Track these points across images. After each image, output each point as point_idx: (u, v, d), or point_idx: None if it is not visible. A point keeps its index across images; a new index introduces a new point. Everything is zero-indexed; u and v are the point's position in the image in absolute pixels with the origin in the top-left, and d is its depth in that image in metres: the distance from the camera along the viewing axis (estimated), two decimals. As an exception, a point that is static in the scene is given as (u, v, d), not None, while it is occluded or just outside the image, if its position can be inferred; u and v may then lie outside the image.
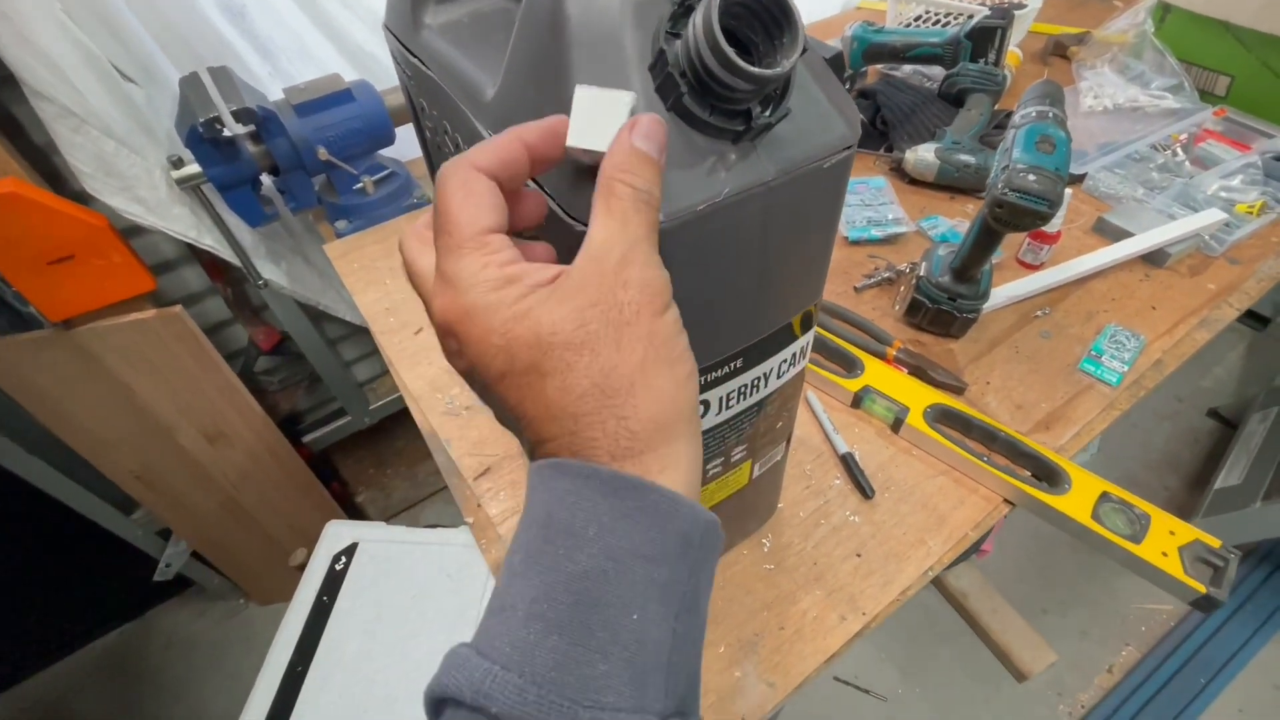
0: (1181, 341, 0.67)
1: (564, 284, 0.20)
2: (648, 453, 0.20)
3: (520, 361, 0.20)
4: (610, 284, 0.20)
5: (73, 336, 0.83)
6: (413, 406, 0.66)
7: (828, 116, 0.26)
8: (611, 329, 0.20)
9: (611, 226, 0.21)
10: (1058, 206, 0.50)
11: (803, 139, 0.25)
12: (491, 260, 0.20)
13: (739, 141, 0.24)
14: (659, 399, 0.21)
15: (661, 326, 0.21)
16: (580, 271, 0.20)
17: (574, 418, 0.20)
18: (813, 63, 0.26)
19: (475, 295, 0.20)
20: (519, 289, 0.20)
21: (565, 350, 0.20)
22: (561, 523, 0.19)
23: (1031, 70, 1.11)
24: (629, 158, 0.21)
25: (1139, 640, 1.23)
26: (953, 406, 0.58)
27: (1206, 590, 0.47)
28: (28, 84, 0.65)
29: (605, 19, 0.23)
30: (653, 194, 0.21)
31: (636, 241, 0.21)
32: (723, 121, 0.23)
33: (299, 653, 0.89)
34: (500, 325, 0.20)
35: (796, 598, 0.50)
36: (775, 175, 0.25)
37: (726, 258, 0.26)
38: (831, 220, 0.29)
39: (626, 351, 0.20)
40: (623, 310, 0.20)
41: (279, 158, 0.78)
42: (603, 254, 0.20)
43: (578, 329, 0.20)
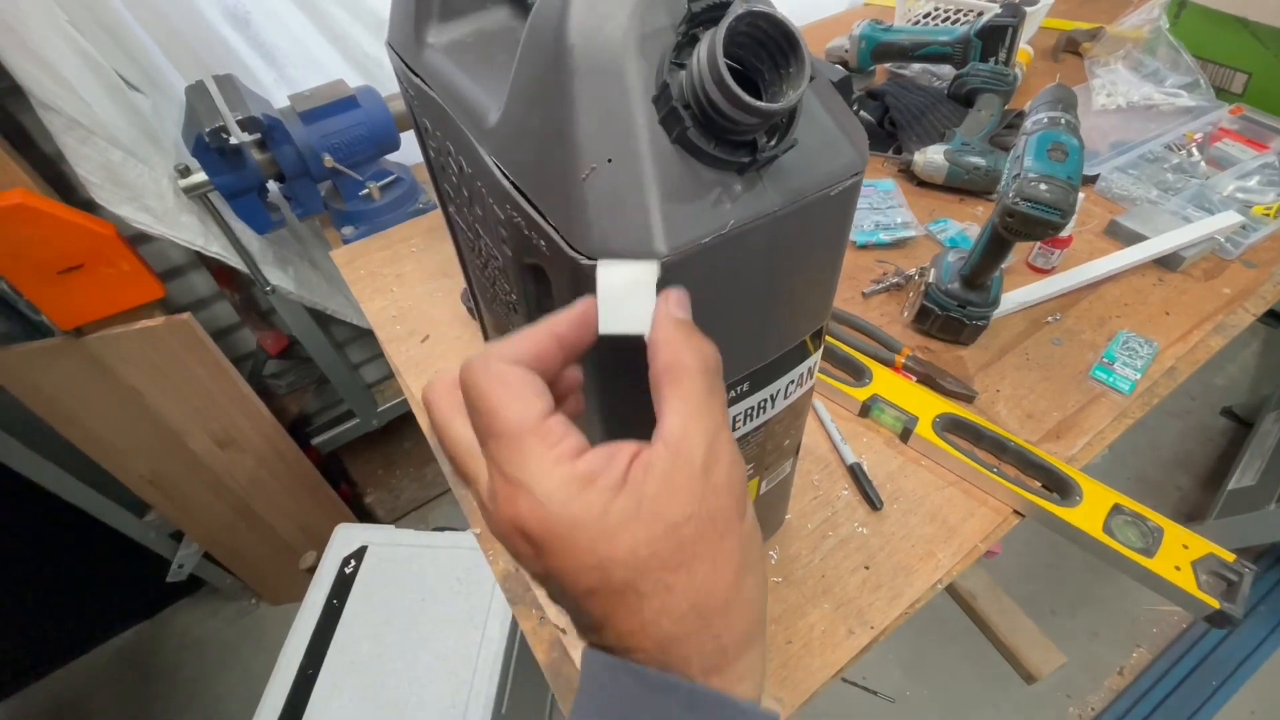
0: (1196, 348, 0.66)
1: (648, 489, 0.19)
2: (733, 665, 0.20)
3: (615, 581, 0.19)
4: (701, 491, 0.19)
5: (84, 344, 0.84)
6: (419, 414, 0.66)
7: (835, 143, 0.25)
8: (707, 545, 0.19)
9: (688, 412, 0.20)
10: (1070, 216, 0.50)
11: (810, 167, 0.25)
12: (561, 453, 0.19)
13: (744, 173, 0.24)
14: (749, 611, 0.20)
15: (747, 530, 0.20)
16: (665, 473, 0.19)
17: (671, 640, 0.19)
18: (820, 88, 0.26)
19: (556, 506, 0.19)
20: (601, 494, 0.19)
21: (663, 571, 0.19)
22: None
23: (1043, 67, 1.10)
24: (682, 332, 0.20)
25: (1150, 642, 1.22)
26: (962, 416, 0.58)
27: (1220, 605, 0.46)
28: (34, 95, 0.65)
29: (608, 49, 0.22)
30: (719, 366, 0.21)
31: (718, 430, 0.20)
32: (728, 154, 0.23)
33: (310, 656, 0.90)
34: (589, 543, 0.19)
35: (804, 611, 0.49)
36: (781, 205, 0.24)
37: (732, 287, 0.26)
38: (839, 244, 0.29)
39: (722, 568, 0.19)
40: (715, 523, 0.19)
41: (285, 165, 0.78)
42: (686, 449, 0.19)
43: (676, 550, 0.19)
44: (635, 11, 0.23)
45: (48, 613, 1.28)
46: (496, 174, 0.28)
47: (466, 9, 0.35)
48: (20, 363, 0.84)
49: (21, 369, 0.83)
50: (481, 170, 0.30)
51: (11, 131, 0.78)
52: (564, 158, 0.23)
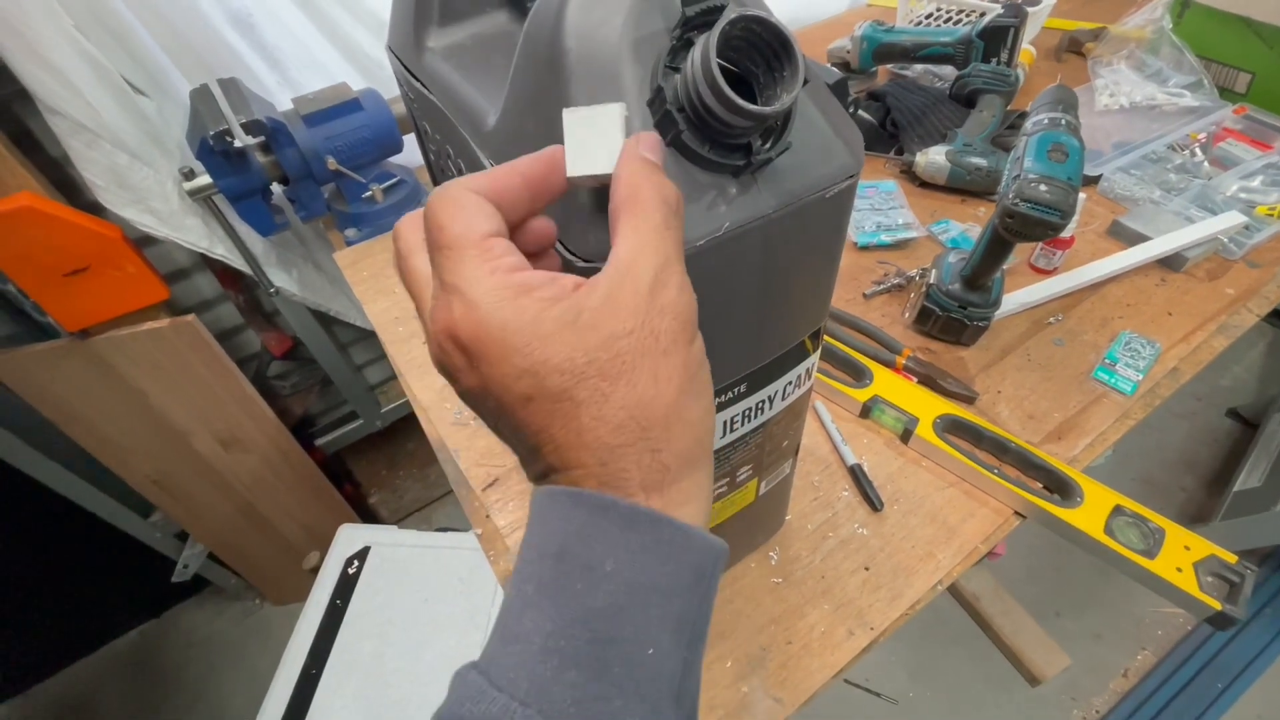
0: (1199, 349, 0.66)
1: (590, 303, 0.19)
2: (675, 484, 0.20)
3: (550, 386, 0.19)
4: (645, 309, 0.19)
5: (89, 345, 0.85)
6: (421, 416, 0.67)
7: (830, 146, 0.25)
8: (649, 359, 0.19)
9: (640, 241, 0.20)
10: (1070, 217, 0.49)
11: (804, 170, 0.25)
12: (497, 265, 0.19)
13: (739, 175, 0.24)
14: (690, 431, 0.20)
15: (693, 355, 0.20)
16: (610, 291, 0.19)
17: (608, 449, 0.19)
18: (815, 90, 0.26)
19: (488, 309, 0.19)
20: (536, 302, 0.19)
21: (600, 379, 0.19)
22: (577, 556, 0.19)
23: (1045, 67, 1.09)
24: (645, 168, 0.20)
25: (1155, 644, 1.21)
26: (963, 417, 0.58)
27: (1222, 607, 0.46)
28: (41, 99, 0.66)
29: (603, 53, 0.23)
30: (680, 204, 0.21)
31: (669, 260, 0.20)
32: (722, 156, 0.23)
33: (313, 656, 0.90)
34: (523, 345, 0.19)
35: (804, 612, 0.49)
36: (776, 208, 0.24)
37: (728, 289, 0.26)
38: (836, 245, 0.29)
39: (663, 383, 0.19)
40: (659, 339, 0.19)
41: (288, 168, 0.79)
42: (634, 273, 0.19)
43: (614, 358, 0.19)
44: (630, 16, 0.23)
45: (55, 612, 1.29)
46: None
47: (465, 13, 0.35)
48: (27, 364, 0.84)
49: (28, 370, 0.84)
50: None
51: (19, 135, 0.78)
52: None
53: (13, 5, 0.60)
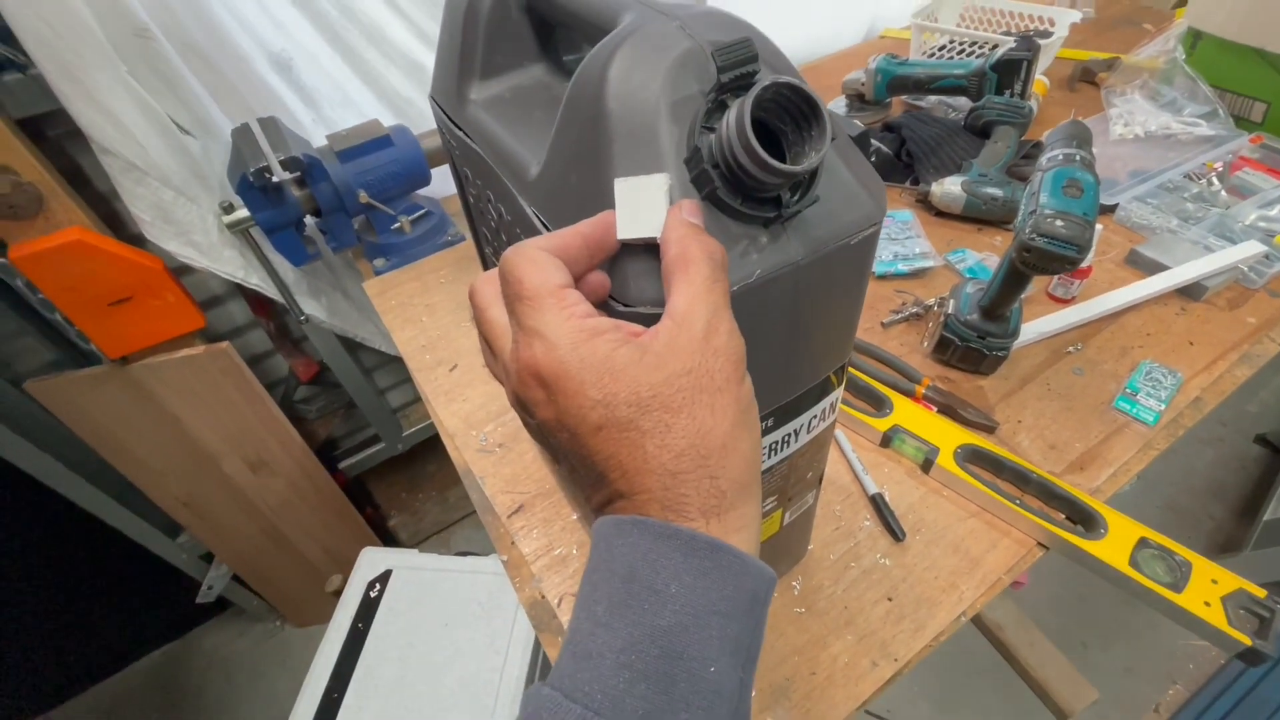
0: (1221, 378, 0.66)
1: (654, 347, 0.21)
2: (730, 511, 0.22)
3: (619, 416, 0.21)
4: (701, 351, 0.21)
5: (129, 372, 0.88)
6: (448, 442, 0.68)
7: (855, 196, 0.27)
8: (705, 395, 0.21)
9: (693, 294, 0.22)
10: (1086, 251, 0.50)
11: (831, 219, 0.26)
12: (573, 312, 0.22)
13: (770, 226, 0.25)
14: (744, 461, 0.22)
15: (744, 393, 0.22)
16: (669, 336, 0.22)
17: (672, 475, 0.21)
18: (840, 144, 0.27)
19: (566, 349, 0.21)
20: (608, 343, 0.21)
21: (664, 412, 0.21)
22: (644, 579, 0.21)
23: (1059, 97, 1.11)
24: (691, 231, 0.23)
25: (1187, 679, 1.18)
26: (983, 447, 0.58)
27: (1252, 642, 0.45)
28: (95, 140, 0.70)
29: (643, 114, 0.24)
30: (724, 260, 0.23)
31: (718, 308, 0.22)
32: (754, 209, 0.24)
33: (335, 678, 0.91)
34: (596, 379, 0.21)
35: (827, 642, 0.50)
36: (805, 256, 0.26)
37: (759, 330, 0.27)
38: (860, 287, 0.30)
39: (720, 416, 0.21)
40: (714, 378, 0.21)
41: (322, 201, 0.82)
42: (689, 321, 0.22)
43: (675, 393, 0.21)
44: (668, 80, 0.24)
45: (83, 631, 1.31)
46: (537, 224, 0.30)
47: (506, 67, 0.38)
48: (69, 389, 0.88)
49: (69, 395, 0.87)
50: (521, 218, 0.32)
51: (70, 171, 0.83)
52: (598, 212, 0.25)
53: (73, 54, 0.64)
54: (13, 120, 0.71)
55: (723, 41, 0.24)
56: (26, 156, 0.70)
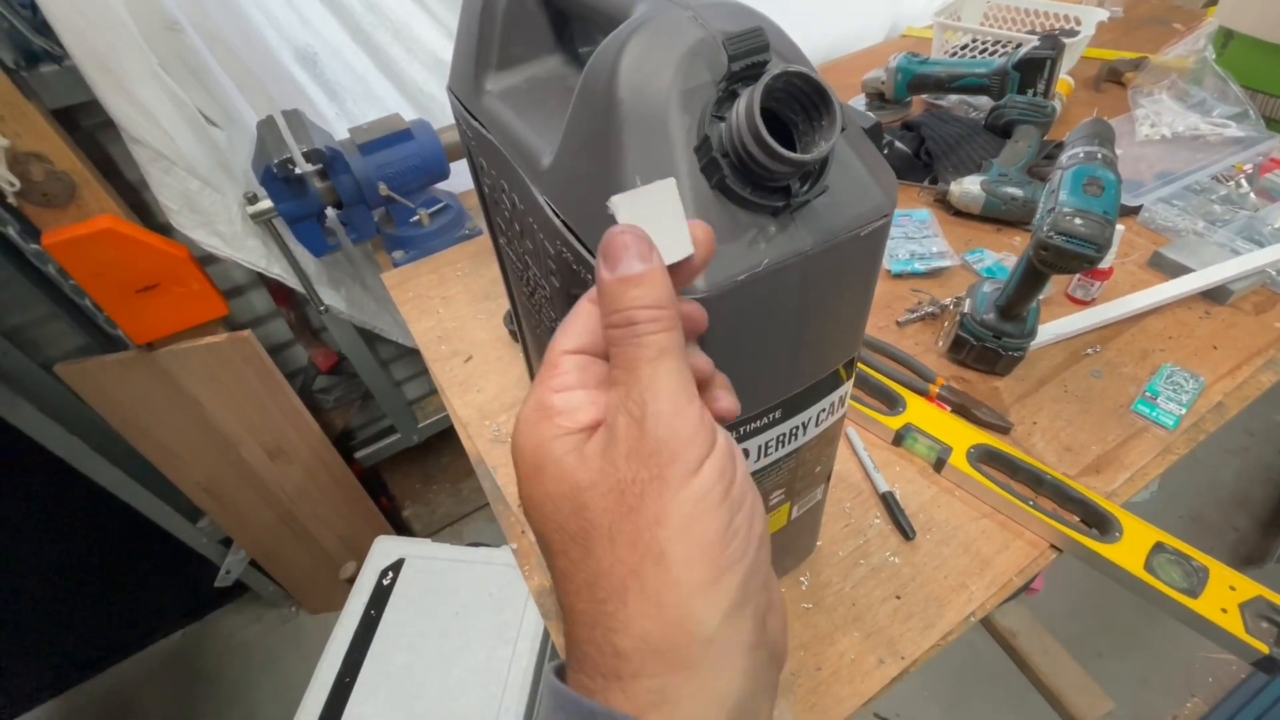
0: (1245, 384, 0.64)
1: (589, 444, 0.18)
2: (638, 679, 0.16)
3: (534, 526, 0.19)
4: (613, 455, 0.17)
5: (154, 358, 0.90)
6: (461, 433, 0.69)
7: (865, 187, 0.27)
8: (608, 517, 0.17)
9: (614, 381, 0.18)
10: (1106, 250, 0.50)
11: (840, 210, 0.26)
12: (550, 385, 0.19)
13: (779, 215, 0.25)
14: (658, 614, 0.16)
15: (678, 508, 0.17)
16: (602, 435, 0.18)
17: (571, 611, 0.17)
18: (851, 135, 0.27)
19: (522, 427, 0.19)
20: (550, 429, 0.18)
21: (562, 534, 0.17)
22: None
23: (1084, 97, 1.09)
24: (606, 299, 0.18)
25: (1206, 692, 1.16)
26: (997, 447, 0.58)
27: (1270, 650, 0.45)
28: (126, 130, 0.72)
29: (654, 104, 0.25)
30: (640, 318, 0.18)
31: (632, 388, 0.17)
32: (763, 198, 0.25)
33: (347, 664, 0.92)
34: (526, 474, 0.18)
35: (834, 638, 0.50)
36: (813, 245, 0.26)
37: (767, 321, 0.27)
38: (870, 279, 0.30)
39: (623, 549, 0.16)
40: (624, 494, 0.17)
41: (343, 193, 0.83)
42: (609, 416, 0.18)
43: (574, 514, 0.17)
44: (679, 69, 0.25)
45: (104, 613, 1.35)
46: (548, 212, 0.30)
47: (522, 58, 0.38)
48: (96, 374, 0.90)
49: (97, 380, 0.90)
50: (534, 207, 0.32)
51: (100, 161, 0.85)
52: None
53: (106, 46, 0.66)
54: (48, 110, 0.73)
55: (734, 31, 0.24)
56: (60, 146, 0.72)
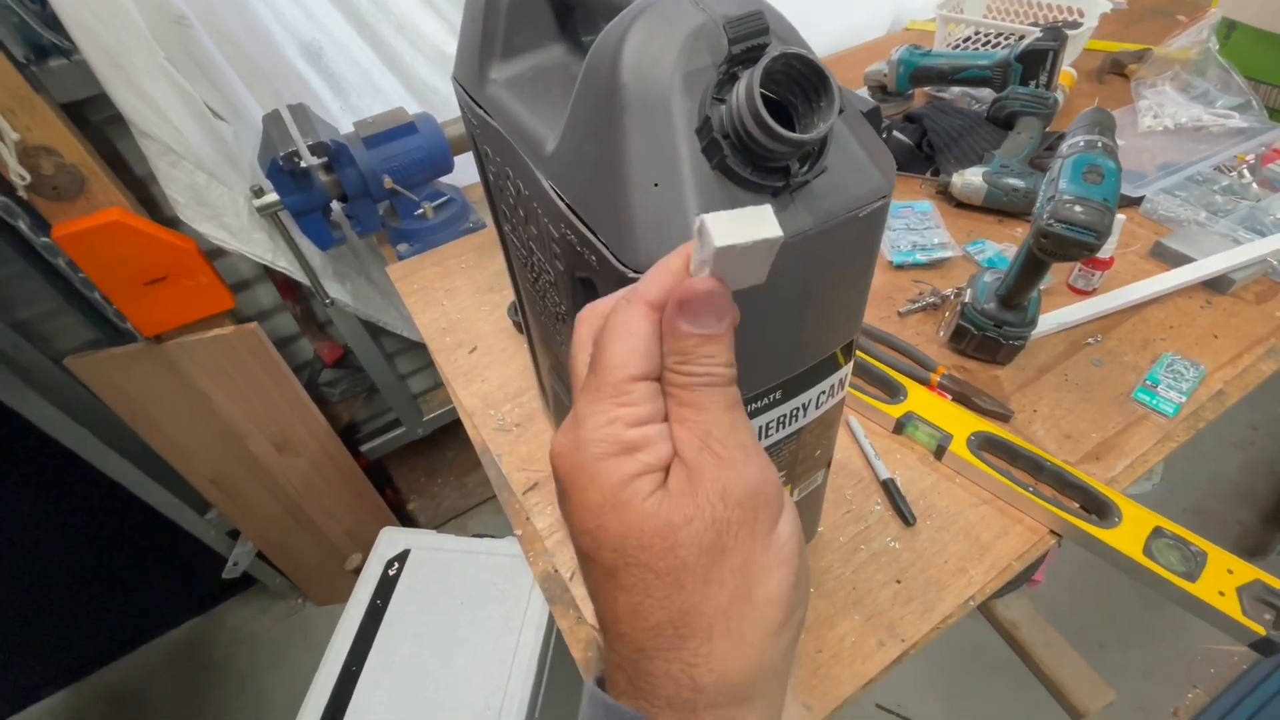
0: (1246, 372, 0.65)
1: (672, 487, 0.18)
2: (710, 710, 0.17)
3: (602, 559, 0.18)
4: (706, 494, 0.17)
5: (162, 350, 0.91)
6: (466, 422, 0.70)
7: (863, 169, 0.27)
8: (704, 556, 0.17)
9: (683, 420, 0.18)
10: (1105, 238, 0.50)
11: (839, 191, 0.27)
12: (621, 415, 0.18)
13: (778, 195, 0.26)
14: (739, 651, 0.18)
15: (763, 554, 0.18)
16: (682, 472, 0.18)
17: (640, 650, 0.18)
18: (850, 118, 0.28)
19: (589, 453, 0.18)
20: (630, 466, 0.18)
21: (647, 571, 0.17)
22: None
23: (1087, 89, 1.09)
24: (681, 344, 0.19)
25: (1208, 683, 1.16)
26: (997, 434, 0.58)
27: (1267, 632, 0.45)
28: (135, 124, 0.73)
29: (656, 87, 0.25)
30: (724, 381, 0.19)
31: (713, 426, 0.18)
32: (763, 178, 0.25)
33: (354, 653, 0.94)
34: (596, 506, 0.18)
35: (835, 622, 0.50)
36: (812, 226, 0.26)
37: (765, 302, 0.28)
38: (869, 261, 0.31)
39: (714, 588, 0.17)
40: (720, 534, 0.17)
41: (348, 186, 0.84)
42: (685, 453, 0.18)
43: (666, 552, 0.17)
44: (681, 53, 0.25)
45: (113, 605, 1.36)
46: (553, 196, 0.31)
47: (526, 47, 0.39)
48: (105, 366, 0.91)
49: (106, 372, 0.91)
50: (538, 193, 0.33)
51: (110, 155, 0.86)
52: (615, 183, 0.26)
53: (115, 41, 0.67)
54: (57, 104, 0.74)
55: (734, 15, 0.25)
56: (70, 139, 0.73)
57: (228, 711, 1.32)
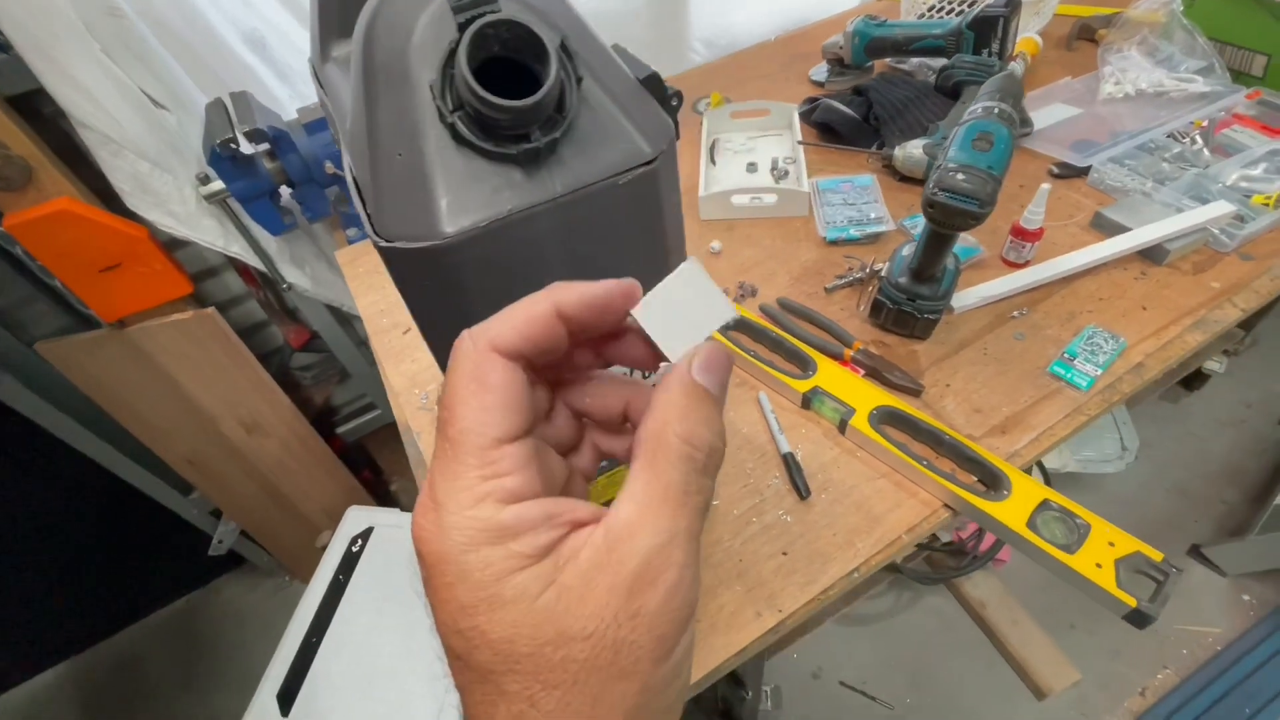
0: (1170, 344, 0.63)
1: (565, 579, 0.16)
2: None
3: (478, 660, 0.16)
4: (616, 608, 0.16)
5: (125, 335, 0.94)
6: (393, 401, 0.72)
7: (623, 135, 0.28)
8: (596, 677, 0.15)
9: (643, 506, 0.16)
10: (990, 206, 0.49)
11: (593, 158, 0.27)
12: (490, 492, 0.16)
13: (525, 165, 0.26)
14: None
15: (657, 680, 0.16)
16: (589, 570, 0.16)
17: None
18: (613, 84, 0.28)
19: (453, 542, 0.16)
20: (507, 558, 0.16)
21: (534, 681, 0.15)
22: None
23: (1053, 57, 1.06)
24: (684, 400, 0.17)
25: (1179, 664, 1.14)
26: (899, 409, 0.58)
27: (1137, 604, 0.45)
28: (73, 115, 0.75)
29: (400, 60, 0.26)
30: (713, 457, 0.17)
31: (673, 538, 0.16)
32: (502, 146, 0.26)
33: (315, 626, 0.97)
34: (470, 603, 0.16)
35: (717, 593, 0.51)
36: (563, 192, 0.27)
37: (538, 271, 0.28)
38: (652, 230, 0.31)
39: (604, 709, 0.16)
40: (618, 654, 0.16)
41: (291, 172, 0.85)
42: (621, 553, 0.16)
43: (559, 663, 0.15)
44: (425, 26, 0.26)
45: (110, 582, 1.43)
46: (348, 172, 0.32)
47: (364, 26, 0.39)
48: (75, 351, 0.95)
49: (75, 357, 0.94)
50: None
51: (68, 149, 0.88)
52: (372, 153, 0.27)
53: (45, 33, 0.69)
54: (3, 98, 0.77)
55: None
56: (15, 131, 0.75)
57: (219, 681, 1.38)
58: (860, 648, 1.21)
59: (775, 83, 1.12)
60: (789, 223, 0.82)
